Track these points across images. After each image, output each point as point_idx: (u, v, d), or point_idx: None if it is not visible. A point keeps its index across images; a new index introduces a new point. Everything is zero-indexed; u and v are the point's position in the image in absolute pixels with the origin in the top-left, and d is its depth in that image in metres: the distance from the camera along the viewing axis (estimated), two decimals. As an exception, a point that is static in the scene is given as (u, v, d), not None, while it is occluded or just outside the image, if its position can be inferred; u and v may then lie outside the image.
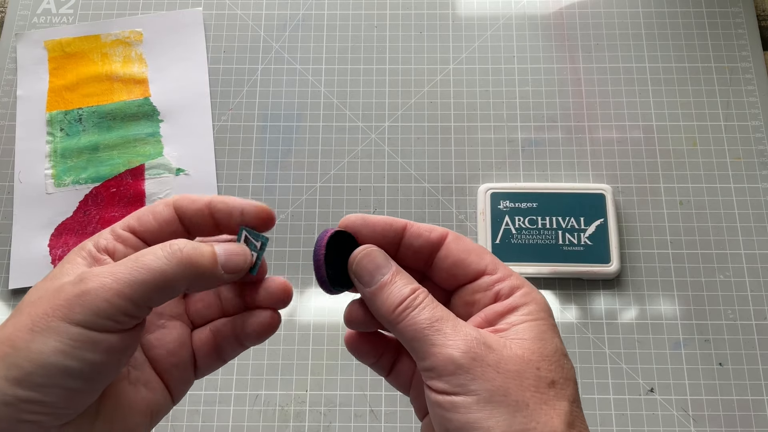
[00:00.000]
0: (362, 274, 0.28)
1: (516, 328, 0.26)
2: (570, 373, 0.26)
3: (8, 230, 0.55)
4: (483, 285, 0.28)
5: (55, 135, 0.58)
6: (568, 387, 0.25)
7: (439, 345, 0.25)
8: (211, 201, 0.28)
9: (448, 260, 0.29)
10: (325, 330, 0.52)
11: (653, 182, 0.56)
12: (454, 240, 0.29)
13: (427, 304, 0.26)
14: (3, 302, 0.54)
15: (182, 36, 0.62)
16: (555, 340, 0.26)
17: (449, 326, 0.26)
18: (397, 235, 0.29)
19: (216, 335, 0.30)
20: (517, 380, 0.24)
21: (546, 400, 0.24)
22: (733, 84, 0.59)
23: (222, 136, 0.58)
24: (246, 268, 0.28)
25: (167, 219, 0.28)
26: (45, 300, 0.24)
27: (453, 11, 0.63)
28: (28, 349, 0.23)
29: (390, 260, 0.28)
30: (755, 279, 0.52)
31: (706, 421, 0.49)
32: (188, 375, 0.30)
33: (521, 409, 0.24)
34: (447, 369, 0.25)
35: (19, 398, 0.23)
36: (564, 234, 0.52)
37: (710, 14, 0.61)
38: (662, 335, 0.51)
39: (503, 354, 0.25)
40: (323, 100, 0.59)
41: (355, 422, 0.49)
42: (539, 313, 0.27)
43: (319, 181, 0.57)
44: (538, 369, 0.25)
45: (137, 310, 0.25)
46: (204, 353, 0.30)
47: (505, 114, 0.58)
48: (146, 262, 0.25)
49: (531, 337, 0.26)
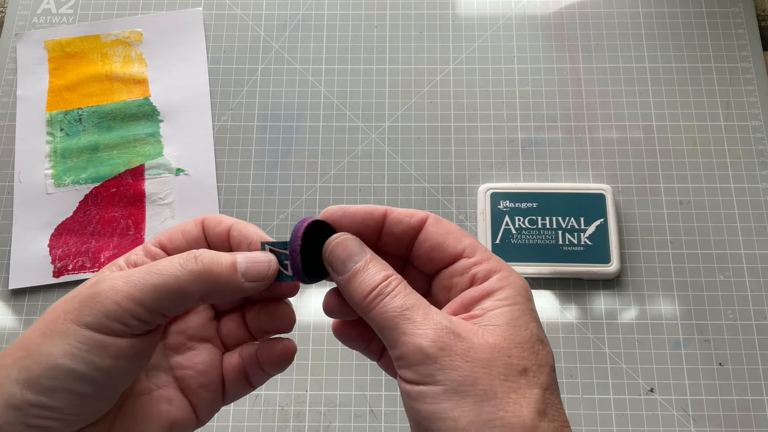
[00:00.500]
0: (335, 262, 0.27)
1: (490, 314, 0.26)
2: (545, 359, 0.25)
3: (8, 230, 0.55)
4: (459, 268, 0.28)
5: (55, 135, 0.58)
6: (541, 374, 0.25)
7: (409, 334, 0.24)
8: (232, 225, 0.29)
9: (426, 243, 0.28)
10: (325, 330, 0.52)
11: (653, 182, 0.56)
12: (434, 223, 0.29)
13: (399, 292, 0.26)
14: (3, 302, 0.54)
15: (182, 36, 0.62)
16: (531, 326, 0.26)
17: (420, 314, 0.25)
18: (378, 223, 0.29)
19: (244, 360, 0.30)
20: (486, 369, 0.24)
21: (515, 389, 0.24)
22: (733, 84, 0.59)
23: (222, 136, 0.58)
24: (269, 276, 0.27)
25: (195, 237, 0.29)
26: (60, 305, 0.25)
27: (453, 11, 0.63)
28: (39, 352, 0.23)
29: (364, 247, 0.28)
30: (755, 279, 0.52)
31: (706, 421, 0.49)
32: (216, 397, 0.30)
33: (489, 398, 0.23)
34: (416, 358, 0.24)
35: (28, 402, 0.23)
36: (564, 234, 0.52)
37: (710, 14, 0.61)
38: (662, 335, 0.51)
39: (473, 342, 0.24)
40: (323, 100, 0.59)
41: (355, 422, 0.49)
42: (515, 297, 0.26)
43: (319, 181, 0.57)
44: (509, 357, 0.24)
45: (148, 314, 0.24)
46: (233, 377, 0.30)
47: (505, 114, 0.58)
48: (160, 268, 0.25)
49: (504, 323, 0.25)
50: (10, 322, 0.53)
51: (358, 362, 0.51)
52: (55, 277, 0.54)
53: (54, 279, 0.54)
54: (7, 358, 0.24)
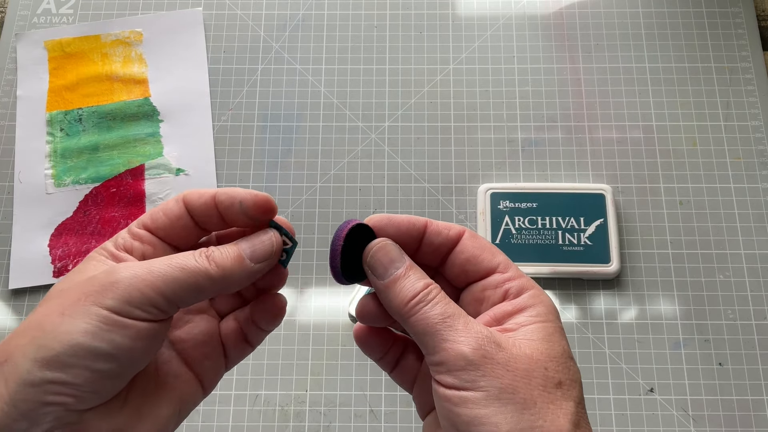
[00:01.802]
0: (376, 266, 0.28)
1: (525, 329, 0.27)
2: (576, 375, 0.26)
3: (8, 230, 0.55)
4: (493, 282, 0.29)
5: (55, 135, 0.58)
6: (574, 388, 0.26)
7: (451, 341, 0.25)
8: (215, 193, 0.29)
9: (462, 256, 0.29)
10: (325, 330, 0.52)
11: (653, 182, 0.56)
12: (470, 237, 0.30)
13: (439, 300, 0.27)
14: (3, 302, 0.54)
15: (182, 36, 0.62)
16: (562, 343, 0.27)
17: (461, 323, 0.26)
18: (419, 233, 0.30)
19: (240, 323, 0.31)
20: (526, 379, 0.25)
21: (553, 400, 0.25)
22: (733, 84, 0.59)
23: (222, 136, 0.58)
24: (274, 251, 0.28)
25: (177, 214, 0.29)
26: (75, 289, 0.25)
27: (453, 11, 0.63)
28: (57, 330, 0.24)
29: (404, 255, 0.29)
30: (755, 279, 0.52)
31: (706, 421, 0.49)
32: (219, 364, 0.31)
33: (529, 407, 0.24)
34: (457, 364, 0.25)
35: (46, 379, 0.23)
36: (564, 234, 0.52)
37: (710, 14, 0.61)
38: (662, 335, 0.51)
39: (512, 353, 0.25)
40: (323, 100, 0.59)
41: (355, 422, 0.49)
42: (547, 315, 0.27)
43: (319, 181, 0.57)
44: (545, 369, 0.25)
45: (167, 305, 0.25)
46: (232, 341, 0.31)
47: (505, 114, 0.58)
48: (180, 262, 0.26)
49: (539, 338, 0.26)
50: (10, 322, 0.53)
51: (358, 362, 0.51)
52: (55, 277, 0.54)
53: (54, 279, 0.54)
54: (22, 338, 0.24)
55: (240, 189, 0.29)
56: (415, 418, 0.49)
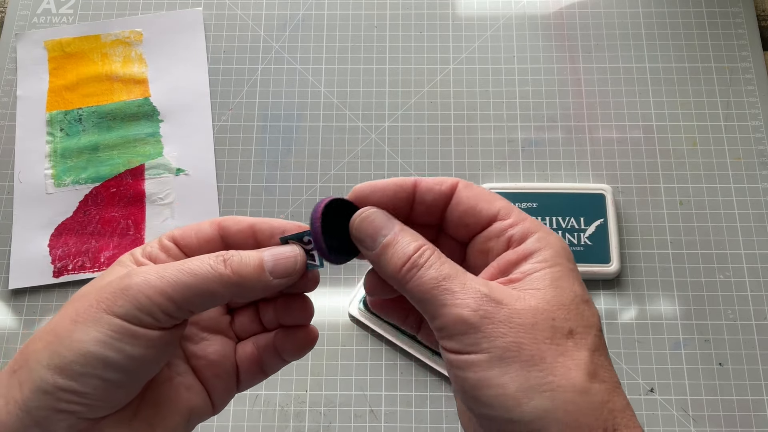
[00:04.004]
0: (363, 237, 0.27)
1: (530, 278, 0.25)
2: (591, 320, 0.24)
3: (8, 230, 0.55)
4: (495, 231, 0.27)
5: (55, 135, 0.58)
6: (588, 335, 0.24)
7: (448, 305, 0.24)
8: (254, 222, 0.29)
9: (459, 209, 0.28)
10: (325, 330, 0.52)
11: (653, 182, 0.56)
12: (465, 188, 0.28)
13: (433, 262, 0.25)
14: (3, 302, 0.54)
15: (182, 36, 0.62)
16: (574, 287, 0.25)
17: (457, 284, 0.24)
18: (409, 194, 0.28)
19: (259, 349, 0.30)
20: (531, 333, 0.23)
21: (563, 352, 0.23)
22: (733, 84, 0.59)
23: (222, 136, 0.58)
24: (297, 270, 0.27)
25: (208, 238, 0.29)
26: (91, 294, 0.25)
27: (453, 11, 0.63)
28: (70, 338, 0.24)
29: (392, 220, 0.27)
30: (755, 279, 0.52)
31: (706, 421, 0.49)
32: (230, 386, 0.30)
33: (536, 363, 0.23)
34: (457, 328, 0.24)
35: (58, 386, 0.23)
36: (564, 234, 0.52)
37: (710, 14, 0.61)
38: (662, 335, 0.51)
39: (515, 307, 0.24)
40: (323, 100, 0.59)
41: (355, 422, 0.49)
42: (555, 258, 0.25)
43: (319, 181, 0.57)
44: (553, 320, 0.24)
45: (177, 311, 0.25)
46: (246, 366, 0.30)
47: (505, 114, 0.58)
48: (192, 267, 0.25)
49: (545, 286, 0.24)
50: (10, 322, 0.53)
51: (358, 362, 0.51)
52: (55, 277, 0.54)
53: (54, 279, 0.54)
54: (39, 342, 0.24)
55: (279, 220, 0.28)
56: (415, 418, 0.49)
